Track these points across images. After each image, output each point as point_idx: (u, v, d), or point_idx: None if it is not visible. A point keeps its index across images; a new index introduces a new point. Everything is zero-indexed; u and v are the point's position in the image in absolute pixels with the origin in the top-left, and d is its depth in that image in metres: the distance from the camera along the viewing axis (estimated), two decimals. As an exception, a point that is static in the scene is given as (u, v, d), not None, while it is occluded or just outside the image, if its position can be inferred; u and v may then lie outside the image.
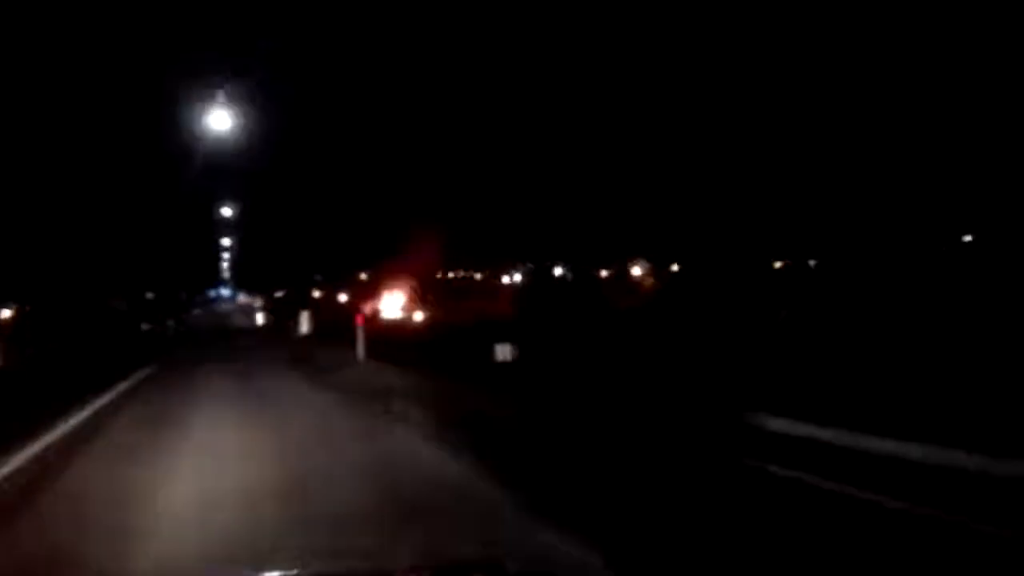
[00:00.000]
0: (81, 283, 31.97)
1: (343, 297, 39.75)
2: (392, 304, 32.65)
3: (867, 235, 40.31)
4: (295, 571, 2.58)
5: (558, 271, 57.94)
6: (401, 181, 41.25)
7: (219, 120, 16.99)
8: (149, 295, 50.11)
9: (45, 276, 29.90)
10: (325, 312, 31.83)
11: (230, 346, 24.32)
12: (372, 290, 34.49)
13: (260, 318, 40.33)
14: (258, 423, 9.15)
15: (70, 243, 29.53)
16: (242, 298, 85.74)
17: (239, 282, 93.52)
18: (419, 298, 27.09)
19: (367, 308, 35.69)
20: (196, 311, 64.20)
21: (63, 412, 9.59)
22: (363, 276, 43.29)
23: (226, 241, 54.65)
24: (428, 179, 40.43)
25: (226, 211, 35.73)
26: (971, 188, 34.06)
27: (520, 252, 53.82)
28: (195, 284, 73.86)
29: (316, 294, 44.92)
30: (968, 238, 40.59)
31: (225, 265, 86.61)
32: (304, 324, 25.26)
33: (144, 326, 31.03)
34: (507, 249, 52.10)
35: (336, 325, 24.20)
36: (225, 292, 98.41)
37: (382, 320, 30.01)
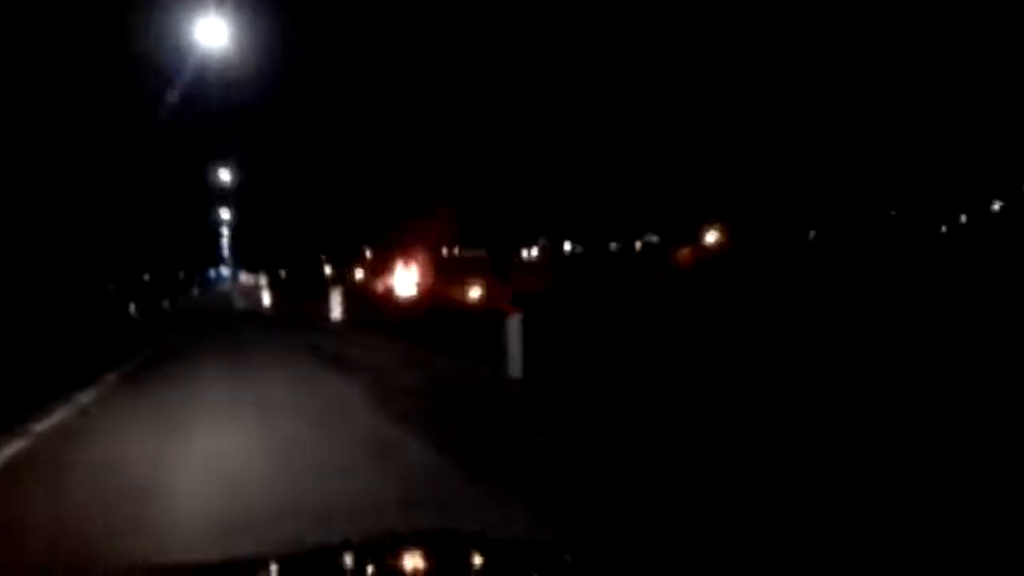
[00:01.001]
0: (72, 265, 27.33)
1: (359, 274, 35.50)
2: (424, 279, 29.01)
3: (892, 206, 39.05)
4: (278, 553, 2.43)
5: (567, 247, 54.29)
6: (410, 152, 38.00)
7: (212, 32, 12.40)
8: (145, 276, 46.01)
9: (30, 259, 25.37)
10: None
11: (236, 335, 18.58)
12: (390, 265, 30.76)
13: (266, 299, 36.33)
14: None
15: (57, 223, 24.89)
16: (243, 278, 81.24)
17: (239, 261, 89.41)
18: (484, 275, 22.53)
19: (380, 285, 31.60)
20: (194, 292, 60.54)
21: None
22: (368, 253, 39.68)
23: (225, 215, 50.22)
24: (437, 149, 37.29)
25: (224, 175, 31.02)
26: (1001, 155, 32.47)
27: (532, 227, 50.63)
28: (194, 264, 69.42)
29: (328, 271, 40.66)
30: (997, 206, 39.54)
31: (225, 243, 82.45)
32: (336, 307, 19.96)
33: (132, 310, 26.36)
34: (518, 224, 48.95)
35: (367, 308, 19.70)
36: (225, 272, 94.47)
37: (403, 298, 25.87)
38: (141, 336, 18.02)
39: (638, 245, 51.09)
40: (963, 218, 42.49)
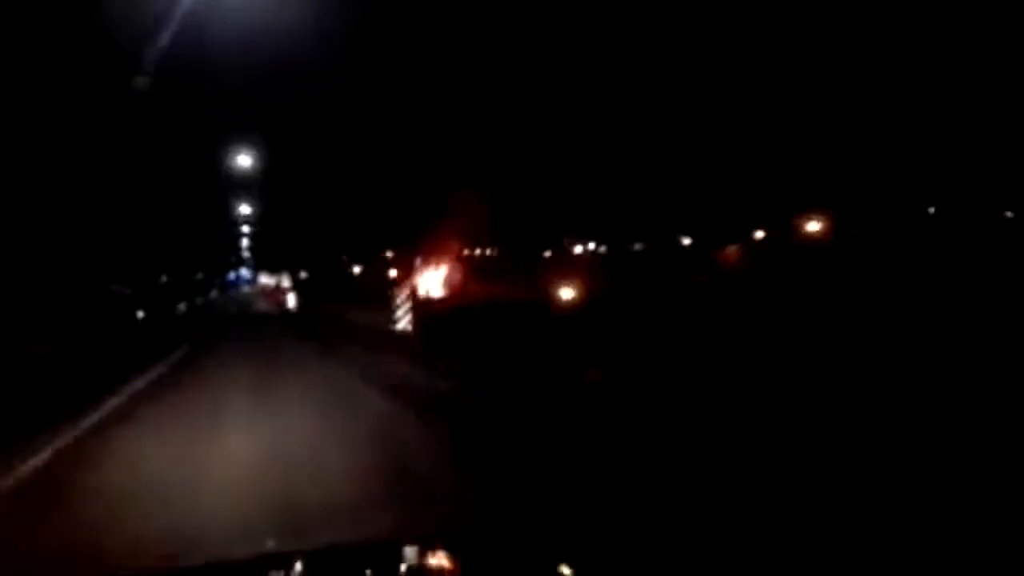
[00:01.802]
0: (80, 266, 24.30)
1: (393, 274, 32.48)
2: (464, 279, 25.95)
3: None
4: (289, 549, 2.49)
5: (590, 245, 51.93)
6: (435, 150, 35.75)
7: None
8: (163, 278, 43.49)
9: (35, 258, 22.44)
10: (377, 294, 24.69)
11: (264, 362, 13.18)
12: (427, 264, 27.66)
13: (292, 303, 33.79)
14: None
15: (49, 214, 21.91)
16: (264, 279, 78.38)
17: (259, 262, 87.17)
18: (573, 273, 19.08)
19: (406, 286, 28.56)
20: (213, 294, 58.47)
21: None
22: (389, 253, 37.07)
23: (245, 210, 47.52)
24: (463, 149, 35.07)
25: (244, 161, 27.94)
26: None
27: (555, 227, 48.51)
28: (214, 266, 67.22)
29: (356, 270, 37.85)
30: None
31: (245, 243, 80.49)
32: (402, 314, 15.36)
33: (140, 314, 23.24)
34: (542, 224, 46.82)
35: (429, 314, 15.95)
36: (245, 273, 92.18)
37: (449, 302, 22.65)
38: (148, 349, 14.60)
39: (686, 241, 47.68)
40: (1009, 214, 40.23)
